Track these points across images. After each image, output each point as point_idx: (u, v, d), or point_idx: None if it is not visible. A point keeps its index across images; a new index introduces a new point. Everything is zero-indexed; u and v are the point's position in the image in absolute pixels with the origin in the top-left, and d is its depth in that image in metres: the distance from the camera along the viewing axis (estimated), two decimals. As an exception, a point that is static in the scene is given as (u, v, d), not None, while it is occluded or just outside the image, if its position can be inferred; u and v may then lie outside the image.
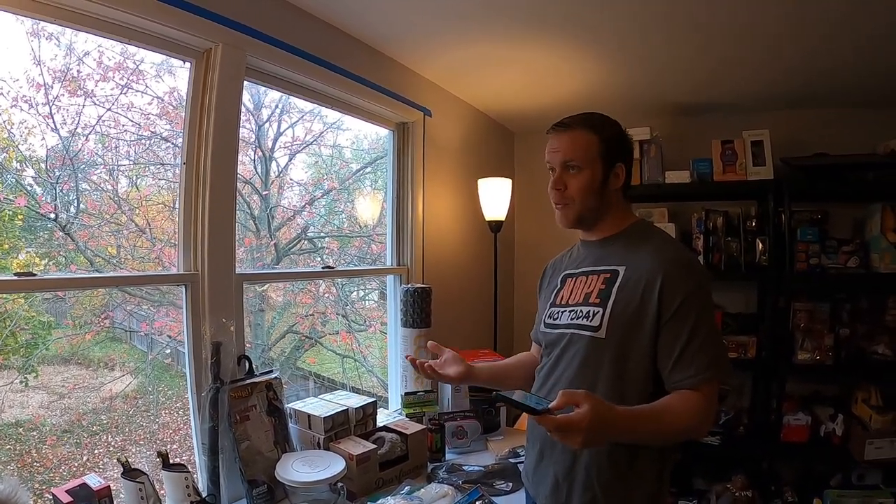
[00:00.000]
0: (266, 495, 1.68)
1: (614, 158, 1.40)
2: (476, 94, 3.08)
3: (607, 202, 1.42)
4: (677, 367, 1.25)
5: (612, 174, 1.40)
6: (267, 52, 1.86)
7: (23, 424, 2.30)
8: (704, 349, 1.23)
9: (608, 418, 1.13)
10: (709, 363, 1.23)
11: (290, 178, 3.68)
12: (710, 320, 1.29)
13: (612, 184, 1.41)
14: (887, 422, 2.64)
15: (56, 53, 2.04)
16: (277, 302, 3.81)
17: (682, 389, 1.24)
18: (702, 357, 1.23)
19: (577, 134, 1.41)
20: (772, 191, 2.86)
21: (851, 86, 2.77)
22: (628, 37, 2.26)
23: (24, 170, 2.10)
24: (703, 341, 1.24)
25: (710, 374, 1.23)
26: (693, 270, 1.30)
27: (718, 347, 1.27)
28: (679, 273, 1.28)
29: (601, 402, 1.13)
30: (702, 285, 1.28)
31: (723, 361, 1.27)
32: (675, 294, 1.25)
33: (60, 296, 2.40)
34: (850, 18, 2.02)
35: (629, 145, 1.47)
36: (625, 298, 1.32)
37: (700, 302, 1.26)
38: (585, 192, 1.39)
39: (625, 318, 1.30)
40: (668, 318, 1.26)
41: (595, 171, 1.39)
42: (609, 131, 1.42)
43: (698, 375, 1.22)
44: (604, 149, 1.39)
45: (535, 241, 3.89)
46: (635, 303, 1.30)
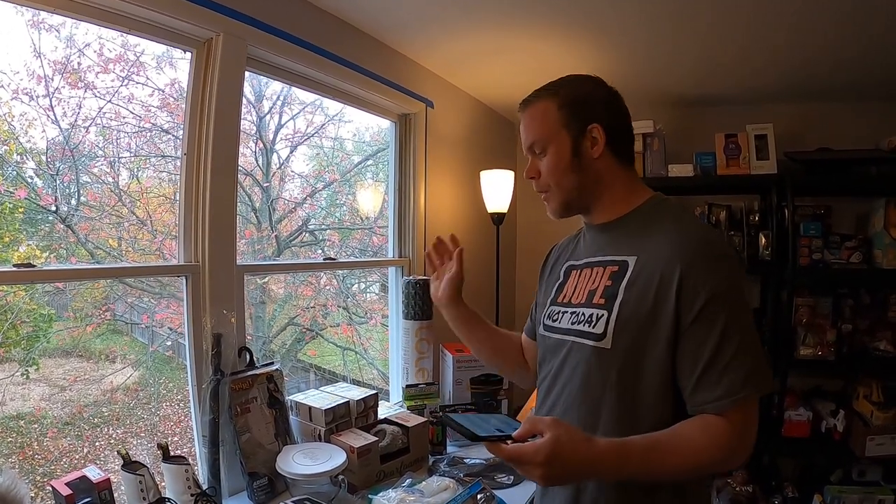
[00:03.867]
0: (267, 488, 1.67)
1: (583, 120, 1.15)
2: (478, 84, 3.07)
3: (595, 176, 1.17)
4: (702, 385, 1.01)
5: (586, 139, 1.16)
6: (268, 41, 1.85)
7: (24, 417, 2.31)
8: (738, 361, 0.98)
9: (579, 453, 0.94)
10: (745, 379, 0.98)
11: (292, 170, 3.68)
12: (745, 322, 1.02)
13: (589, 151, 1.16)
14: (888, 418, 2.64)
15: (56, 45, 2.03)
16: (278, 294, 3.82)
17: (706, 414, 1.01)
18: (735, 371, 0.98)
19: (536, 108, 1.21)
20: (775, 185, 2.84)
21: (856, 80, 2.75)
22: (633, 28, 2.24)
23: (25, 162, 2.10)
24: (736, 351, 0.99)
25: (745, 394, 0.97)
26: (722, 259, 1.04)
27: (756, 357, 1.00)
28: (704, 263, 1.03)
29: (572, 432, 0.95)
30: (733, 279, 1.04)
31: (762, 374, 1.00)
32: (699, 291, 1.01)
33: (61, 288, 2.40)
34: (855, 12, 2.00)
35: (605, 98, 1.18)
36: (635, 297, 1.08)
37: (731, 300, 1.01)
38: (556, 172, 1.18)
39: (635, 324, 1.06)
40: (690, 321, 1.01)
41: (561, 145, 1.17)
42: (568, 89, 1.19)
43: (730, 396, 0.98)
44: (565, 113, 1.16)
45: (536, 234, 3.88)
46: (648, 303, 1.05)
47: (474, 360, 2.35)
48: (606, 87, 1.20)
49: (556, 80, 1.22)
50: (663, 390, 1.05)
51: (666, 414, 1.04)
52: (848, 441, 2.76)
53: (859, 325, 2.89)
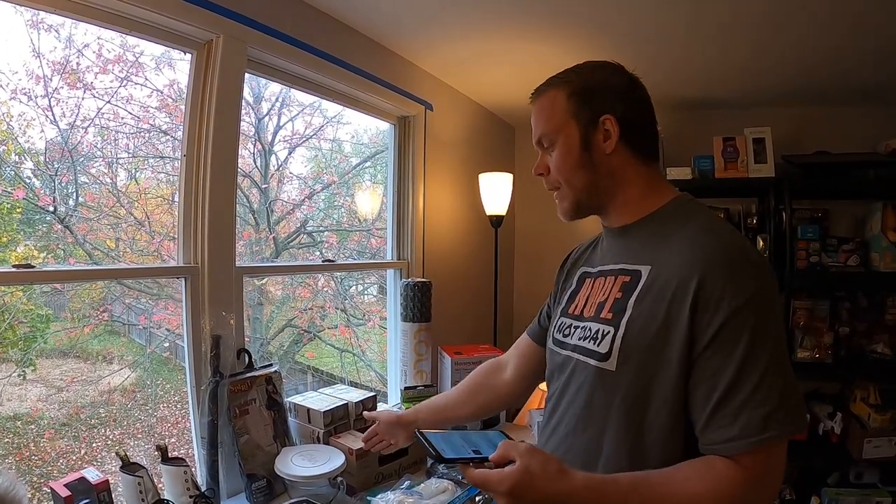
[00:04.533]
0: (265, 489, 1.67)
1: (594, 111, 1.04)
2: (477, 87, 3.07)
3: (608, 173, 1.05)
4: (714, 421, 0.87)
5: (598, 132, 1.04)
6: (268, 43, 1.85)
7: (21, 418, 2.30)
8: (761, 395, 0.83)
9: (550, 486, 0.86)
10: (766, 418, 0.82)
11: (290, 171, 3.68)
12: (774, 348, 0.86)
13: (600, 146, 1.04)
14: (886, 420, 2.64)
15: (55, 45, 2.03)
16: (276, 296, 3.82)
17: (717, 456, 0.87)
18: (755, 408, 0.83)
19: (545, 98, 1.11)
20: (773, 188, 2.85)
21: (854, 84, 2.76)
22: (631, 32, 2.25)
23: (23, 162, 2.10)
24: (759, 382, 0.84)
25: (767, 436, 0.82)
26: (747, 271, 0.89)
27: (785, 391, 0.84)
28: (726, 273, 0.88)
29: (545, 464, 0.87)
30: (762, 294, 0.87)
31: (790, 414, 0.83)
32: (717, 309, 0.87)
33: (59, 289, 2.40)
34: (852, 16, 2.01)
35: (621, 86, 1.07)
36: (645, 313, 0.95)
37: (756, 320, 0.86)
38: (565, 168, 1.07)
39: (644, 344, 0.94)
40: (706, 344, 0.88)
41: (570, 138, 1.06)
42: (579, 77, 1.08)
43: (746, 438, 0.83)
44: (574, 103, 1.05)
45: (535, 237, 3.88)
46: (658, 320, 0.93)
47: (473, 362, 2.35)
48: (625, 75, 1.09)
49: (569, 68, 1.12)
50: (672, 423, 0.92)
51: (676, 451, 0.91)
52: (845, 443, 2.77)
53: (857, 328, 2.90)
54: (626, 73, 1.09)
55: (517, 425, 2.53)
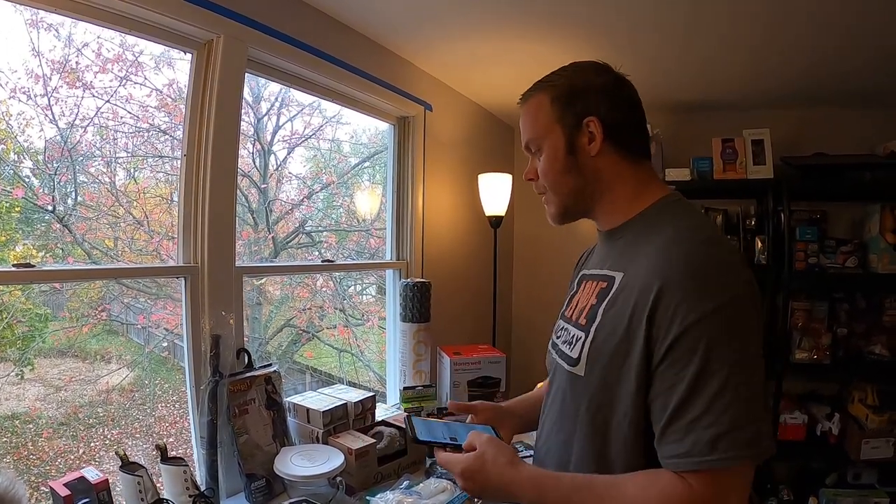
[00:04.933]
0: (264, 489, 1.67)
1: (577, 113, 1.02)
2: (476, 88, 3.07)
3: (594, 176, 1.03)
4: (666, 436, 0.85)
5: (582, 135, 1.02)
6: (268, 43, 1.85)
7: (19, 417, 2.30)
8: (712, 416, 0.80)
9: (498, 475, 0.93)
10: (714, 441, 0.79)
11: (289, 171, 3.68)
12: (733, 370, 0.80)
13: (585, 149, 1.02)
14: (883, 421, 2.65)
15: (55, 44, 2.03)
16: (275, 296, 3.82)
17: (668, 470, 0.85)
18: (704, 429, 0.80)
19: (529, 103, 1.10)
20: (771, 190, 2.86)
21: (852, 86, 2.77)
22: (629, 33, 2.26)
23: (22, 161, 2.09)
24: (709, 404, 0.80)
25: (714, 459, 0.79)
26: (708, 288, 0.84)
27: (739, 416, 0.79)
28: (682, 290, 0.84)
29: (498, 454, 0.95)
30: (720, 314, 0.82)
31: (745, 438, 0.79)
32: (671, 324, 0.84)
33: (58, 288, 2.40)
34: (851, 19, 2.02)
35: (606, 85, 1.04)
36: (610, 322, 0.94)
37: (711, 340, 0.81)
38: (551, 173, 1.06)
39: (607, 353, 0.93)
40: (660, 359, 0.85)
41: (554, 142, 1.04)
42: (562, 80, 1.06)
43: (692, 457, 0.80)
44: (558, 107, 1.04)
45: (534, 237, 3.89)
46: (621, 331, 0.91)
47: (472, 362, 2.36)
48: (609, 74, 1.06)
49: (555, 70, 1.10)
50: (634, 434, 0.90)
51: (639, 462, 0.89)
52: (843, 444, 2.78)
53: (855, 329, 2.91)
54: (611, 73, 1.07)
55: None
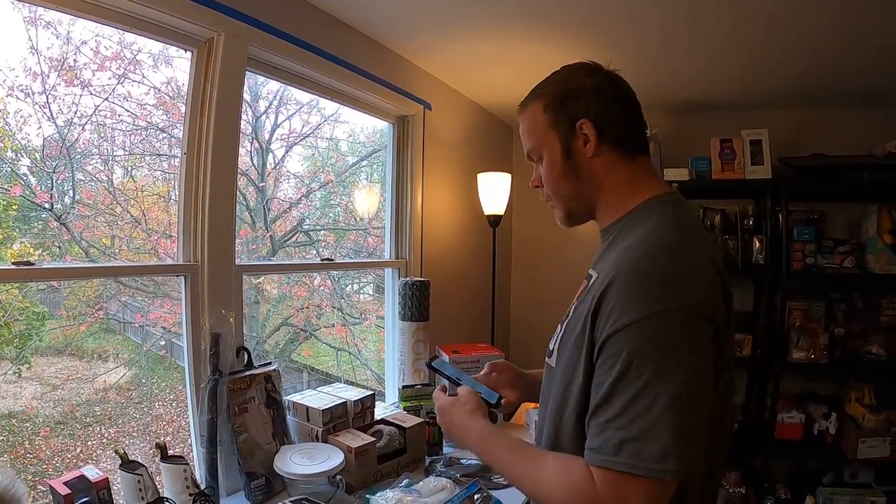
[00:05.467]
0: (264, 488, 1.67)
1: (570, 117, 1.02)
2: (476, 87, 3.08)
3: (592, 179, 1.04)
4: (589, 429, 0.87)
5: (577, 138, 1.02)
6: (269, 42, 1.85)
7: (16, 416, 2.29)
8: (621, 421, 0.81)
9: (461, 420, 1.13)
10: (620, 445, 0.80)
11: (287, 170, 3.67)
12: (654, 380, 0.80)
13: (580, 151, 1.02)
14: (880, 421, 2.67)
15: (53, 42, 2.02)
16: (272, 294, 3.81)
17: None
18: (615, 431, 0.81)
19: (525, 112, 1.11)
20: (769, 190, 2.87)
21: (850, 87, 2.78)
22: (628, 33, 2.26)
23: (20, 159, 2.09)
24: (622, 409, 0.81)
25: (618, 462, 0.80)
26: (647, 293, 0.83)
27: (649, 429, 0.79)
28: (621, 292, 0.85)
29: (467, 402, 1.15)
30: (653, 322, 0.81)
31: (650, 453, 0.78)
32: (606, 323, 0.85)
33: (55, 286, 2.39)
34: (851, 20, 2.03)
35: (596, 86, 1.03)
36: (575, 318, 0.97)
37: (637, 346, 0.81)
38: (553, 180, 1.07)
39: (569, 346, 0.96)
40: (597, 355, 0.87)
41: (552, 150, 1.05)
42: (552, 86, 1.07)
43: (600, 454, 0.82)
44: (550, 114, 1.04)
45: (532, 237, 3.90)
46: (580, 326, 0.92)
47: (471, 361, 2.36)
48: (598, 75, 1.05)
49: (547, 77, 1.10)
50: (579, 428, 0.91)
51: (581, 449, 0.89)
52: (840, 443, 2.79)
53: (852, 329, 2.92)
54: (601, 72, 1.06)
55: (515, 424, 2.53)
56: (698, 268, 0.87)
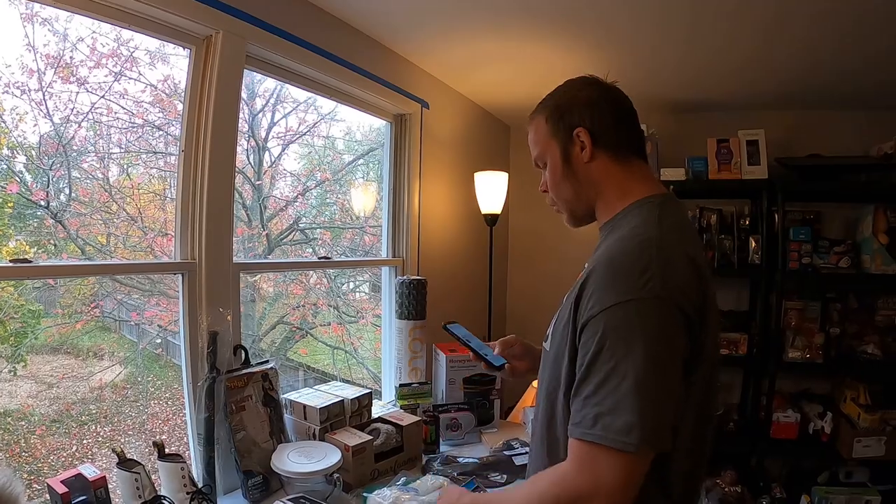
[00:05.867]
0: (261, 486, 1.67)
1: (567, 127, 1.13)
2: (473, 87, 3.08)
3: (588, 180, 1.14)
4: (573, 405, 0.95)
5: (574, 146, 1.13)
6: (268, 40, 1.85)
7: (11, 414, 2.28)
8: (597, 398, 0.90)
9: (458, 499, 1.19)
10: (595, 418, 0.89)
11: (283, 168, 3.66)
12: (629, 356, 0.88)
13: (578, 157, 1.13)
14: (875, 420, 2.68)
15: (50, 39, 2.01)
16: (268, 292, 3.80)
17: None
18: (592, 406, 0.90)
19: (531, 124, 1.23)
20: (766, 190, 2.88)
21: (846, 88, 2.79)
22: (626, 34, 2.26)
23: (16, 156, 2.08)
24: (598, 386, 0.90)
25: (593, 433, 0.89)
26: (621, 284, 0.93)
27: (619, 404, 0.87)
28: (603, 276, 0.95)
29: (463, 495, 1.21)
30: (624, 310, 0.91)
31: (619, 425, 0.87)
32: (585, 309, 0.95)
33: (52, 284, 2.38)
34: (848, 23, 2.04)
35: (592, 98, 1.14)
36: (565, 304, 1.07)
37: (619, 322, 0.90)
38: (555, 184, 1.18)
39: (559, 331, 1.06)
40: (578, 337, 0.97)
41: (553, 154, 1.17)
42: (552, 100, 1.18)
43: (580, 427, 0.91)
44: (551, 125, 1.16)
45: (529, 236, 3.91)
46: (567, 309, 1.02)
47: (467, 359, 2.35)
48: (594, 87, 1.16)
49: (551, 91, 1.22)
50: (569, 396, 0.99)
51: None
52: (835, 443, 2.80)
53: (847, 329, 2.94)
54: (597, 84, 1.16)
55: (511, 422, 2.54)
56: (672, 263, 0.94)
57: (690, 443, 0.98)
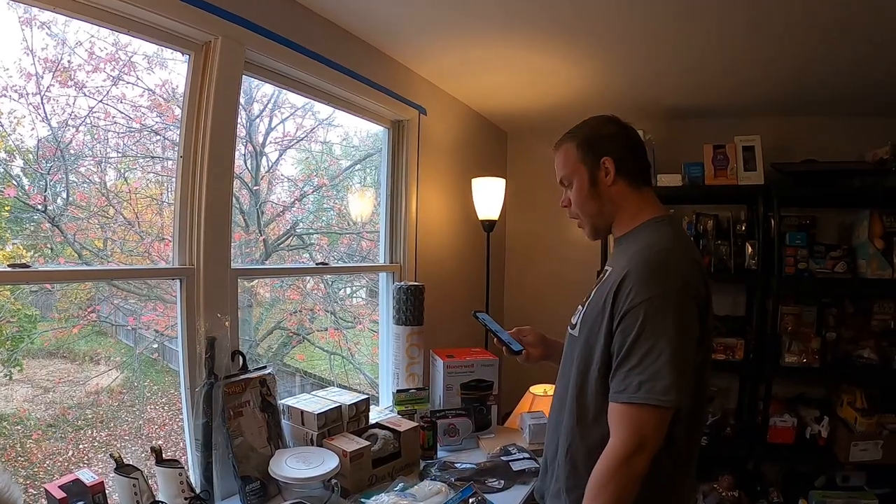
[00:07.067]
0: (259, 491, 1.67)
1: (596, 155, 1.37)
2: (470, 93, 3.08)
3: (610, 200, 1.38)
4: (614, 378, 1.20)
5: (599, 171, 1.37)
6: (266, 46, 1.85)
7: (7, 418, 2.27)
8: (640, 369, 1.15)
9: None
10: (640, 385, 1.14)
11: (281, 173, 3.66)
12: (660, 340, 1.15)
13: (603, 181, 1.37)
14: (872, 424, 2.68)
15: (48, 43, 2.01)
16: (265, 298, 3.79)
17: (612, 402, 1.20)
18: (636, 375, 1.15)
19: (562, 149, 1.45)
20: (762, 195, 2.89)
21: (842, 94, 2.81)
22: (623, 40, 2.27)
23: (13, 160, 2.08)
24: (640, 360, 1.16)
25: (638, 396, 1.14)
26: (659, 275, 1.20)
27: (658, 373, 1.13)
28: (640, 273, 1.20)
29: None
30: (657, 300, 1.17)
31: (660, 389, 1.13)
32: (628, 296, 1.19)
33: (48, 288, 2.37)
34: (844, 28, 2.05)
35: (615, 133, 1.40)
36: (596, 296, 1.32)
37: (655, 310, 1.16)
38: (580, 202, 1.41)
39: (591, 316, 1.31)
40: (618, 321, 1.21)
41: (581, 178, 1.40)
42: (584, 131, 1.42)
43: (625, 393, 1.16)
44: (581, 152, 1.39)
45: (525, 241, 3.91)
46: (601, 301, 1.27)
47: (465, 365, 2.36)
48: (618, 125, 1.41)
49: (578, 124, 1.44)
50: (601, 378, 1.25)
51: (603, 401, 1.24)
52: (832, 447, 2.81)
53: (843, 334, 2.94)
54: (619, 123, 1.42)
55: (509, 428, 2.54)
56: (685, 265, 1.23)
57: (691, 404, 1.21)
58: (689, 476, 1.32)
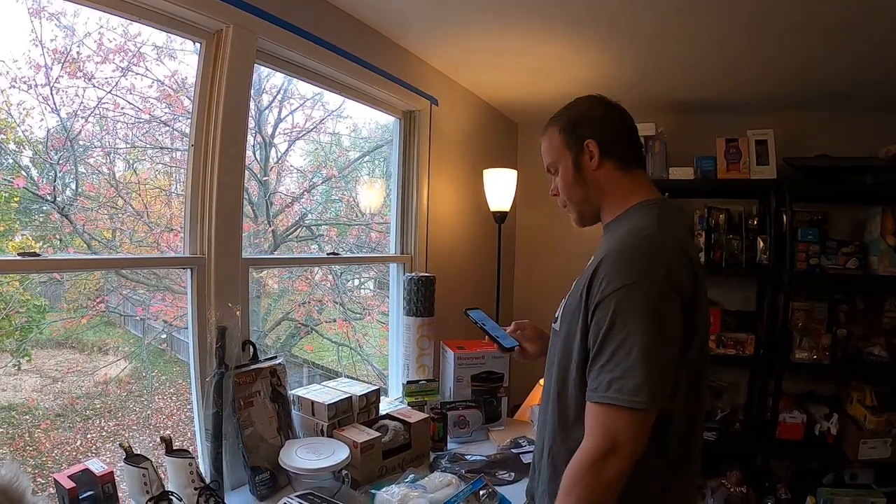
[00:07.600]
0: (269, 482, 1.67)
1: (579, 138, 1.29)
2: (483, 84, 3.07)
3: (596, 186, 1.30)
4: (589, 374, 1.12)
5: (584, 154, 1.29)
6: (278, 35, 1.84)
7: (16, 408, 2.28)
8: (610, 365, 1.06)
9: None
10: (610, 383, 1.05)
11: (290, 164, 3.66)
12: (633, 334, 1.05)
13: (587, 165, 1.29)
14: (881, 422, 2.67)
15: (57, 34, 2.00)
16: (273, 289, 3.79)
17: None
18: (607, 373, 1.06)
19: (546, 134, 1.38)
20: (774, 190, 2.87)
21: (856, 90, 2.78)
22: (637, 32, 2.25)
23: (22, 151, 2.07)
24: (611, 356, 1.06)
25: (608, 396, 1.05)
26: (637, 261, 1.09)
27: (629, 370, 1.04)
28: (616, 261, 1.11)
29: None
30: (631, 291, 1.07)
31: (630, 387, 1.03)
32: (601, 285, 1.10)
33: (57, 278, 2.37)
34: (858, 23, 2.03)
35: (601, 115, 1.31)
36: (574, 288, 1.24)
37: (619, 308, 1.07)
38: (566, 188, 1.34)
39: (570, 309, 1.22)
40: (592, 313, 1.12)
41: (566, 163, 1.32)
42: (567, 114, 1.35)
43: (597, 392, 1.07)
44: (564, 136, 1.32)
45: (537, 233, 3.90)
46: (578, 294, 1.18)
47: (475, 357, 2.35)
48: (604, 105, 1.33)
49: (562, 107, 1.37)
50: (581, 374, 1.16)
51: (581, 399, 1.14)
52: (841, 444, 2.80)
53: (854, 331, 2.93)
54: (605, 103, 1.33)
55: (519, 420, 2.53)
56: (670, 252, 1.11)
57: (685, 406, 1.13)
58: (687, 479, 1.21)
